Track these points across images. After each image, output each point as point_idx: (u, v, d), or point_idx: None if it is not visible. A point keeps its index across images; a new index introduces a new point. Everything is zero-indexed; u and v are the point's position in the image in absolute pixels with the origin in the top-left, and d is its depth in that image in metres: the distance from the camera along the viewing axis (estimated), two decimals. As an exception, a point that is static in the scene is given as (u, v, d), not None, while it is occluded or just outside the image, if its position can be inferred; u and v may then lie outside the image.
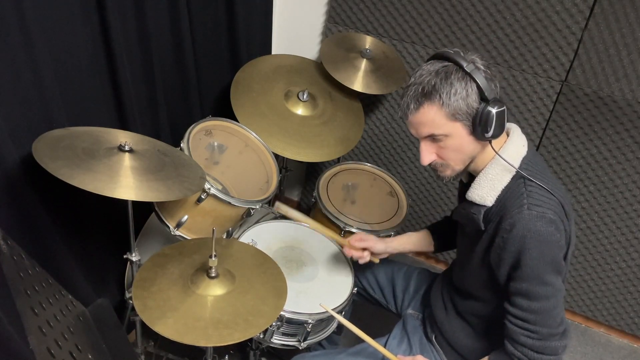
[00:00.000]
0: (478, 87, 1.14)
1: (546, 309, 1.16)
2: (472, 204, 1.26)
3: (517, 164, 1.21)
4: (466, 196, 1.27)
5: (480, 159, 1.25)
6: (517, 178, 1.20)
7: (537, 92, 2.04)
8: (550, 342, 1.18)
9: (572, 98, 1.99)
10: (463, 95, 1.15)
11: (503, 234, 1.17)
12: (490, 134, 1.16)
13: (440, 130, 1.19)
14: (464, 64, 1.14)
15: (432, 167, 1.28)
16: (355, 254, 1.58)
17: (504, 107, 1.16)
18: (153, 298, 1.30)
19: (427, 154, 1.24)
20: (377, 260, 1.62)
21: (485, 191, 1.22)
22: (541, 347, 1.18)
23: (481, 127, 1.16)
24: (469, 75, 1.14)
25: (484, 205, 1.23)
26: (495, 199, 1.22)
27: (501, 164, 1.21)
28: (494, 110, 1.14)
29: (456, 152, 1.22)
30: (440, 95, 1.15)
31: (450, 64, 1.16)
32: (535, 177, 1.19)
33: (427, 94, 1.17)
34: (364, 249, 1.59)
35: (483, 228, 1.24)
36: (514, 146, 1.23)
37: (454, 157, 1.23)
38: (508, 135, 1.27)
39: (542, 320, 1.17)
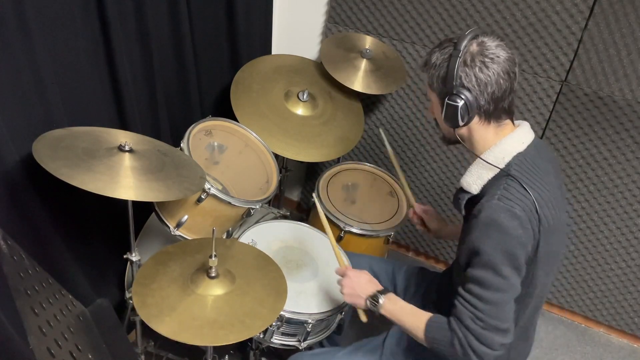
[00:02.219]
0: (446, 72, 1.19)
1: (497, 301, 1.17)
2: (462, 190, 1.29)
3: (508, 158, 1.23)
4: (460, 182, 1.31)
5: (478, 148, 1.27)
6: (504, 173, 1.22)
7: (537, 92, 2.04)
8: (492, 334, 1.18)
9: (572, 98, 1.99)
10: (437, 73, 1.22)
11: (472, 218, 1.20)
12: (442, 117, 1.24)
13: (428, 94, 1.30)
14: (457, 47, 1.18)
15: None
16: (415, 218, 1.77)
17: (459, 104, 1.18)
18: (152, 295, 1.30)
19: (429, 109, 1.34)
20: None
21: (473, 179, 1.26)
22: (482, 336, 1.18)
23: (441, 109, 1.24)
24: (448, 58, 1.19)
25: (469, 192, 1.26)
26: (480, 188, 1.24)
27: (493, 155, 1.24)
28: (445, 99, 1.20)
29: (438, 120, 1.30)
30: (428, 63, 1.25)
31: (454, 44, 1.21)
32: (522, 174, 1.20)
33: (426, 61, 1.27)
34: (421, 218, 1.75)
35: (464, 213, 1.28)
36: (511, 140, 1.25)
37: (439, 123, 1.32)
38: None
39: (491, 311, 1.17)
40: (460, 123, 1.21)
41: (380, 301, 1.35)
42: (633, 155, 2.00)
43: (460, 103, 1.18)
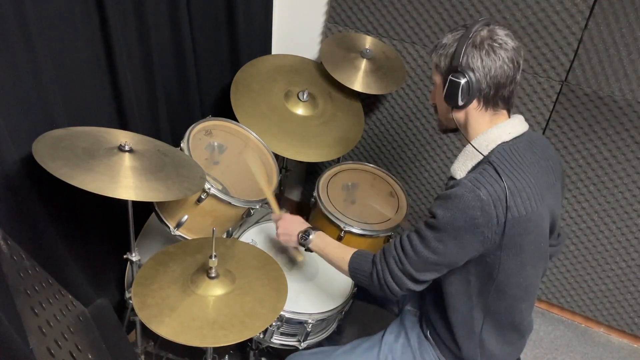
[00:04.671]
0: (454, 51, 1.21)
1: (424, 257, 1.23)
2: (451, 177, 1.32)
3: (492, 146, 1.25)
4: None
5: (471, 135, 1.29)
6: (485, 160, 1.24)
7: (537, 92, 2.04)
8: (406, 278, 1.27)
9: (572, 98, 1.99)
10: (444, 52, 1.24)
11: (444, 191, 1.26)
12: (442, 95, 1.25)
13: (433, 76, 1.32)
14: (468, 30, 1.20)
15: None
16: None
17: (462, 82, 1.20)
18: (152, 296, 1.30)
19: (431, 94, 1.37)
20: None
21: (459, 165, 1.28)
22: (396, 276, 1.28)
23: (442, 87, 1.26)
24: (458, 39, 1.21)
25: (455, 179, 1.28)
26: (464, 174, 1.26)
27: (478, 143, 1.26)
28: (449, 76, 1.22)
29: (438, 101, 1.33)
30: (438, 45, 1.28)
31: (466, 27, 1.23)
32: (501, 161, 1.22)
33: (437, 44, 1.30)
34: None
35: None
36: (498, 130, 1.26)
37: (439, 107, 1.34)
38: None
39: (415, 261, 1.25)
40: (460, 103, 1.23)
41: (311, 237, 1.47)
42: (633, 155, 2.00)
43: (463, 81, 1.20)
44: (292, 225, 1.54)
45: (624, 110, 1.94)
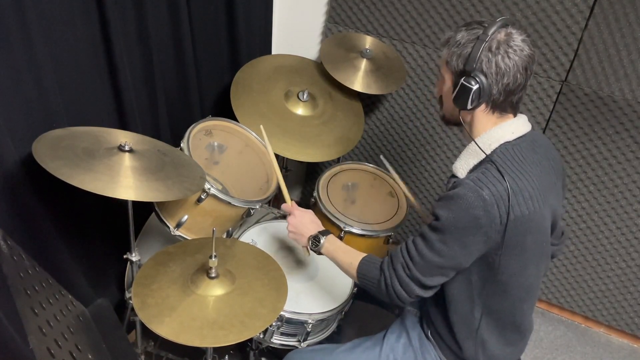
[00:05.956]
0: (469, 53, 1.19)
1: (430, 260, 1.23)
2: (452, 175, 1.31)
3: (495, 145, 1.25)
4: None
5: (475, 135, 1.28)
6: (487, 159, 1.24)
7: (537, 92, 2.04)
8: (414, 284, 1.26)
9: (572, 98, 1.99)
10: (459, 52, 1.21)
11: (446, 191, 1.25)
12: (452, 97, 1.24)
13: (441, 70, 1.30)
14: (486, 32, 1.18)
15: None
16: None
17: (474, 87, 1.19)
18: (152, 296, 1.30)
19: (437, 86, 1.36)
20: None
21: (461, 164, 1.28)
22: (404, 282, 1.27)
23: (452, 88, 1.24)
24: (475, 40, 1.19)
25: (457, 177, 1.28)
26: (466, 172, 1.27)
27: (482, 142, 1.26)
28: (461, 79, 1.20)
29: (445, 98, 1.32)
30: (451, 40, 1.24)
31: (484, 27, 1.21)
32: (503, 161, 1.22)
33: (448, 39, 1.27)
34: None
35: None
36: (501, 130, 1.26)
37: (445, 102, 1.33)
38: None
39: (422, 266, 1.24)
40: (469, 106, 1.22)
41: (322, 241, 1.45)
42: (633, 155, 2.00)
43: (475, 86, 1.19)
44: (303, 226, 1.51)
45: (624, 110, 1.94)
